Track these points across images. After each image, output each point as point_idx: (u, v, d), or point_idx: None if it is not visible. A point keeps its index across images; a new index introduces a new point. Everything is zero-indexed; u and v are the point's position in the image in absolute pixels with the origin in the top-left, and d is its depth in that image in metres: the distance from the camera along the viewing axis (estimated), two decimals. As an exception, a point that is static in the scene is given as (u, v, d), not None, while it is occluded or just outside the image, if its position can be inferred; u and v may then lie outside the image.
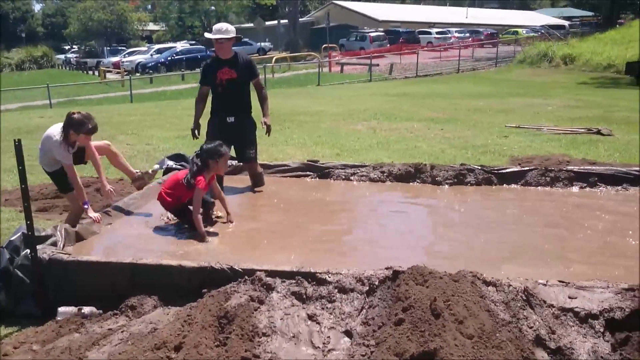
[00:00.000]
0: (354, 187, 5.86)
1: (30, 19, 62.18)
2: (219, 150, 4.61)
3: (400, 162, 6.50)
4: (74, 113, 4.63)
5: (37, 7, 75.46)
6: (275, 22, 47.92)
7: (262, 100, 5.75)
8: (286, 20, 48.25)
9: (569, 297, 2.97)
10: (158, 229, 4.67)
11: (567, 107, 14.15)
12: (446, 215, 5.10)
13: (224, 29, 5.53)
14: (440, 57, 33.30)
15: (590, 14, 53.74)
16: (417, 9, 62.29)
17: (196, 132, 5.71)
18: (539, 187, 5.62)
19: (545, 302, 2.94)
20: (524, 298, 2.95)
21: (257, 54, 43.33)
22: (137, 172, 5.45)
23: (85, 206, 4.69)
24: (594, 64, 24.82)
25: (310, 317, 3.06)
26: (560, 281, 3.07)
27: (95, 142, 4.98)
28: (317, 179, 6.10)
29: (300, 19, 49.85)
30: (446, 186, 5.72)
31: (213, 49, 5.79)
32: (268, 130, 5.74)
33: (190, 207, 4.56)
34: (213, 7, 51.94)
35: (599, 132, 9.78)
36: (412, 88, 20.23)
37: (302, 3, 59.70)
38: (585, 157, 7.90)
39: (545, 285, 3.04)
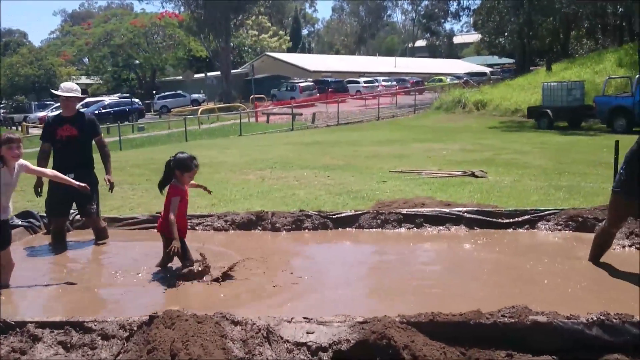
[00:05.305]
0: (196, 235, 6.05)
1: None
2: (187, 164, 4.71)
3: (277, 209, 6.75)
4: None
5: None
6: (206, 74, 48.73)
7: (105, 158, 5.98)
8: (218, 72, 49.08)
9: (307, 332, 3.22)
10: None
11: (462, 150, 14.89)
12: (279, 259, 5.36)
13: (75, 88, 5.83)
14: (366, 105, 34.43)
15: (512, 61, 56.65)
16: (348, 60, 64.42)
17: (39, 189, 5.83)
18: (372, 229, 5.97)
19: (282, 337, 3.18)
20: (264, 335, 3.20)
21: (191, 105, 43.80)
22: None
23: None
24: (503, 108, 26.24)
25: (69, 365, 3.21)
26: (304, 317, 3.33)
27: None
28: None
29: (235, 70, 50.79)
30: (284, 232, 5.99)
31: (137, 100, 6.06)
32: (111, 187, 6.01)
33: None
34: (138, 61, 52.44)
35: (473, 175, 10.36)
36: (327, 136, 20.83)
37: (239, 54, 60.87)
38: (448, 198, 8.31)
39: (289, 322, 3.29)
